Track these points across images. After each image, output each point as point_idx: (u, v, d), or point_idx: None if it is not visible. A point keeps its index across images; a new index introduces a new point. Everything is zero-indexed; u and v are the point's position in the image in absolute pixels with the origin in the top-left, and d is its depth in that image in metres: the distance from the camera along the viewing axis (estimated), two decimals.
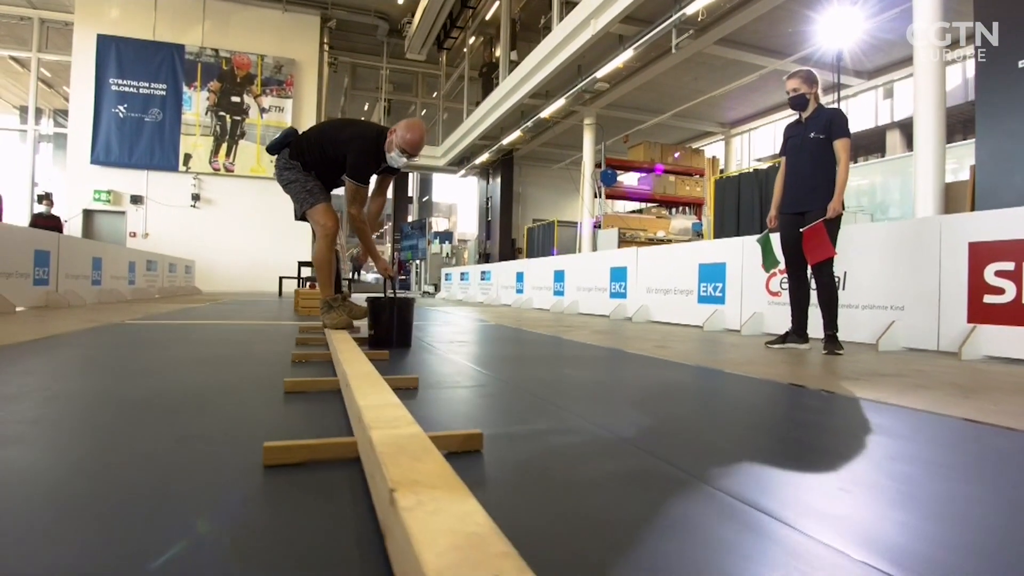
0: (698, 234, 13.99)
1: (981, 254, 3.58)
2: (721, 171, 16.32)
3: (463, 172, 20.47)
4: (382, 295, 3.24)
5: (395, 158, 3.31)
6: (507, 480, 1.10)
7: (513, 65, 14.68)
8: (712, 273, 5.78)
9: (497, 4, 15.74)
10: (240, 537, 0.81)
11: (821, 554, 0.79)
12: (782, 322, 4.86)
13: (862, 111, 15.53)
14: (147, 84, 15.90)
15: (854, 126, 13.39)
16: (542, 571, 0.54)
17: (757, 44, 10.89)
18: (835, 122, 3.65)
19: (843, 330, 4.20)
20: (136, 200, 15.71)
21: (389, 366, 2.52)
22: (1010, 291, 3.42)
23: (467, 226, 39.21)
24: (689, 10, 8.46)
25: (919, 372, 2.79)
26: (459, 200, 40.61)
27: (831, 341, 3.57)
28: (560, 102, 12.68)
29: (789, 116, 15.11)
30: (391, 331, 3.16)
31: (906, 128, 15.10)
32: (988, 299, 3.53)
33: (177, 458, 1.17)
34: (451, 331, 4.81)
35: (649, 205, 15.93)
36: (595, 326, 5.95)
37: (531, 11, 15.59)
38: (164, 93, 16.03)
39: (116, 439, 1.32)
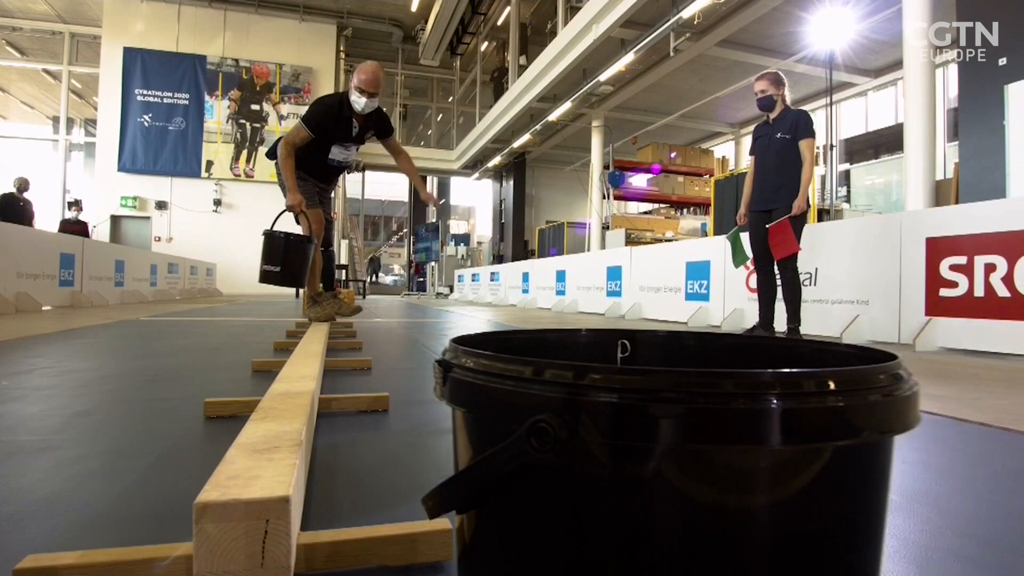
0: (706, 235, 14.10)
1: (937, 249, 3.73)
2: (731, 172, 16.38)
3: (477, 175, 20.79)
4: (282, 233, 3.25)
5: (356, 100, 3.33)
6: (402, 430, 1.35)
7: (522, 70, 14.93)
8: (698, 271, 5.96)
9: (508, 10, 16.03)
10: (170, 451, 1.08)
11: None
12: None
13: (883, 107, 15.41)
14: (171, 94, 16.51)
15: (875, 123, 13.30)
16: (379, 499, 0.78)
17: (758, 45, 10.99)
18: (800, 123, 3.75)
19: (816, 324, 4.38)
20: (161, 206, 16.32)
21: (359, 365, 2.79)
22: (963, 284, 3.57)
23: (486, 228, 39.59)
24: (685, 13, 8.62)
25: None
26: (477, 203, 41.01)
27: (793, 335, 3.74)
28: (567, 105, 12.91)
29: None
30: (283, 267, 3.21)
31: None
32: (944, 292, 3.68)
33: (145, 409, 1.46)
34: (449, 330, 5.08)
35: (659, 206, 16.05)
36: (591, 324, 6.17)
37: (541, 15, 15.84)
38: (187, 102, 16.63)
39: (102, 399, 1.61)
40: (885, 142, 18.05)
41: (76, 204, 9.94)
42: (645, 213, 17.19)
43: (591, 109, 13.41)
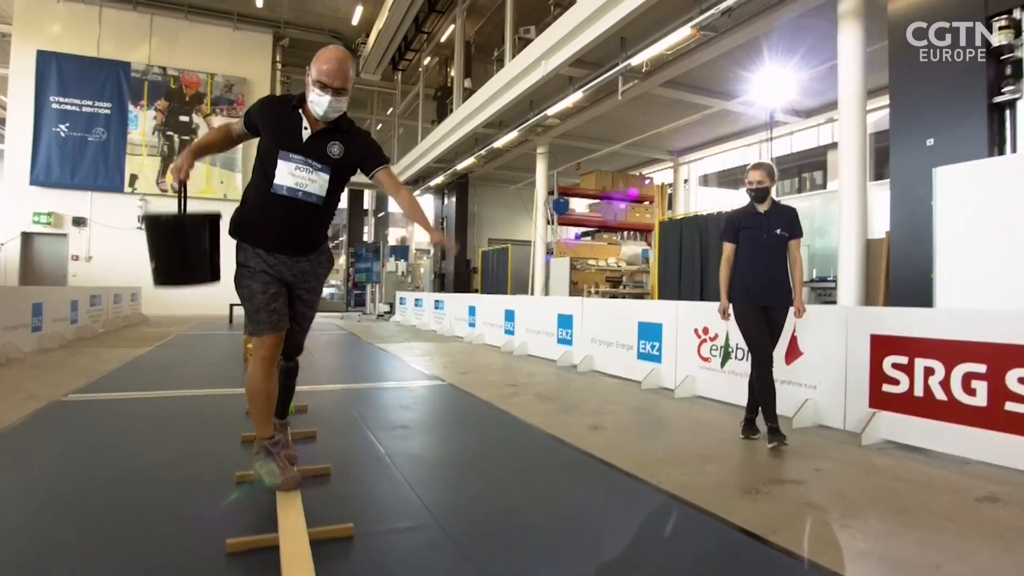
0: (647, 261, 14.43)
1: (881, 346, 3.94)
2: (670, 193, 16.88)
3: (419, 191, 20.51)
4: (165, 214, 2.52)
5: (316, 101, 2.36)
6: None
7: (467, 93, 14.85)
8: (650, 332, 6.07)
9: (452, 28, 15.89)
10: None
11: None
12: (712, 385, 5.20)
13: (807, 139, 16.23)
14: (91, 102, 15.46)
15: (799, 148, 14.07)
16: None
17: (701, 87, 11.36)
18: (795, 221, 3.76)
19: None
20: (79, 222, 15.25)
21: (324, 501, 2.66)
22: (904, 383, 3.78)
23: (424, 236, 39.10)
24: (634, 61, 8.80)
25: (820, 474, 3.09)
26: None
27: (776, 432, 3.58)
28: (513, 134, 12.92)
29: (731, 148, 15.57)
30: (172, 261, 2.48)
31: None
32: (886, 388, 3.88)
33: None
34: (395, 400, 4.96)
35: (600, 231, 16.32)
36: (542, 379, 6.18)
37: (486, 35, 15.80)
38: (109, 112, 15.62)
39: None
40: (807, 163, 19.28)
41: None
42: (585, 235, 17.46)
43: (536, 136, 13.48)
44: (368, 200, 29.47)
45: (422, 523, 2.35)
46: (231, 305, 13.22)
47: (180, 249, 2.46)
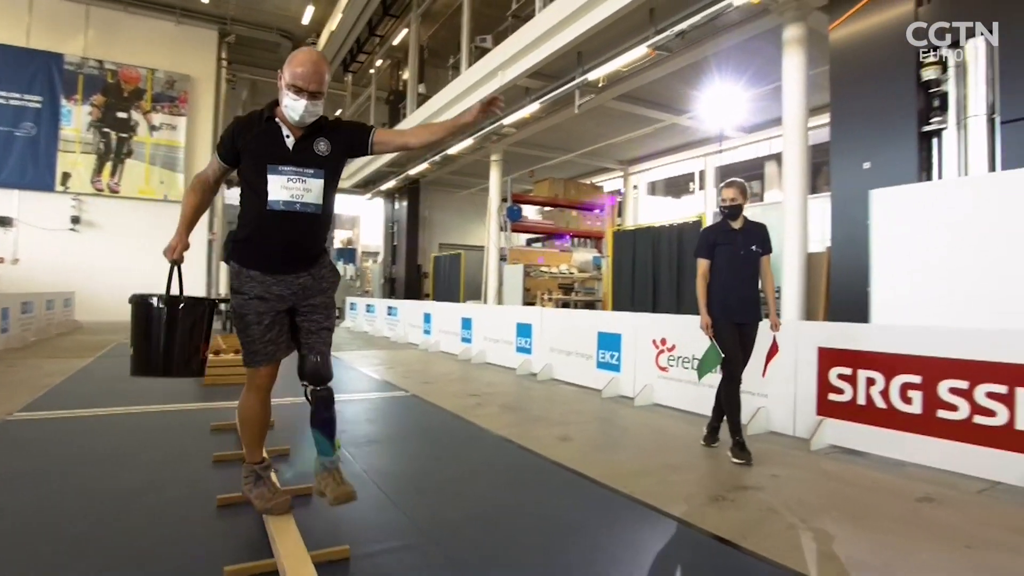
0: (598, 268, 14.76)
1: (828, 358, 4.24)
2: (620, 199, 17.33)
3: (370, 195, 20.27)
4: (154, 297, 2.29)
5: (291, 106, 2.20)
6: None
7: (421, 98, 14.83)
8: (610, 342, 6.27)
9: (406, 32, 15.82)
10: None
11: None
12: (670, 394, 5.43)
13: (748, 152, 16.99)
14: (18, 95, 14.58)
15: (738, 159, 14.74)
16: None
17: (654, 101, 11.75)
18: (767, 237, 3.90)
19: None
20: (4, 222, 14.33)
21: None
22: (848, 392, 4.09)
23: (370, 238, 38.49)
24: (591, 76, 9.04)
25: (776, 479, 3.32)
26: (362, 212, 39.76)
27: (740, 447, 3.71)
28: (469, 141, 12.99)
29: (679, 159, 16.04)
30: (156, 353, 2.27)
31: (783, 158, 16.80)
32: (832, 396, 4.19)
33: None
34: (361, 413, 4.96)
35: (552, 238, 16.58)
36: (504, 388, 6.28)
37: (440, 40, 15.80)
38: (39, 106, 14.77)
39: None
40: (742, 171, 20.17)
41: None
42: (534, 241, 17.70)
43: (491, 144, 13.59)
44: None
45: (414, 542, 2.41)
46: None
47: (168, 341, 2.25)
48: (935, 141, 5.60)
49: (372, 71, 18.72)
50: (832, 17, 6.36)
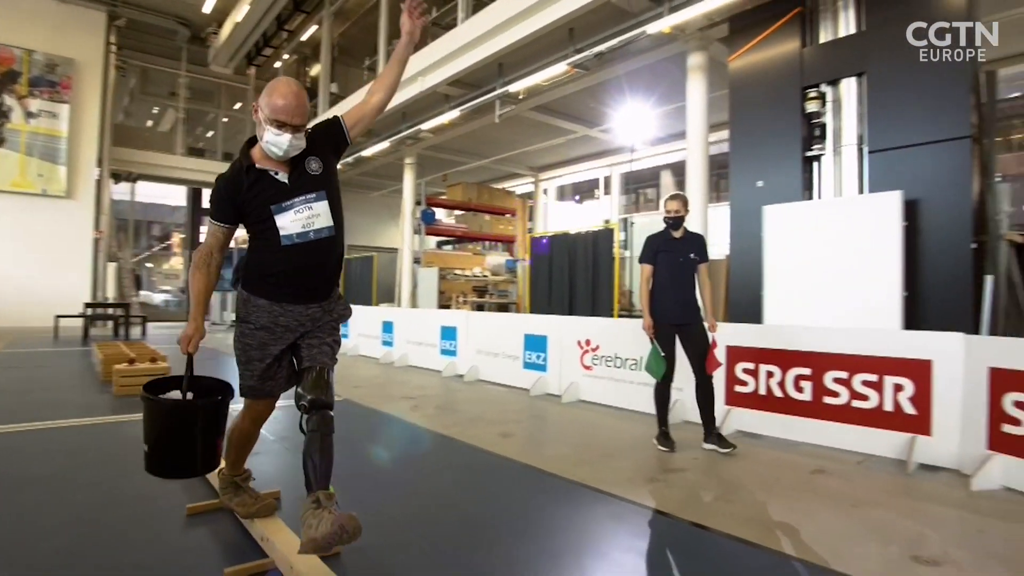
0: (511, 271, 15.18)
1: (735, 355, 4.82)
2: (530, 204, 17.91)
3: None
4: (163, 397, 2.18)
5: (272, 142, 2.09)
6: None
7: (334, 98, 14.61)
8: (536, 343, 6.65)
9: (315, 28, 15.48)
10: None
11: None
12: (596, 391, 5.86)
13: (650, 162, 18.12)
14: None
15: (639, 167, 15.56)
16: None
17: (569, 113, 12.32)
18: (704, 247, 4.26)
19: (648, 404, 5.26)
20: None
21: None
22: (751, 384, 4.69)
23: None
24: (512, 88, 9.42)
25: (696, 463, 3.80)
26: None
27: (720, 438, 4.12)
28: (384, 144, 12.98)
29: (589, 167, 16.78)
30: (170, 454, 2.15)
31: (677, 168, 18.18)
32: (738, 388, 4.78)
33: None
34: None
35: (465, 242, 16.82)
36: (434, 391, 6.47)
37: (351, 38, 15.59)
38: None
39: None
40: (643, 184, 21.76)
41: None
42: (444, 244, 17.87)
43: (406, 147, 13.65)
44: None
45: (394, 535, 2.61)
46: (57, 316, 11.73)
47: (186, 440, 2.11)
48: (815, 165, 6.45)
49: (278, 65, 18.11)
50: (731, 49, 7.11)
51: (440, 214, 17.26)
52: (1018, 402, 3.36)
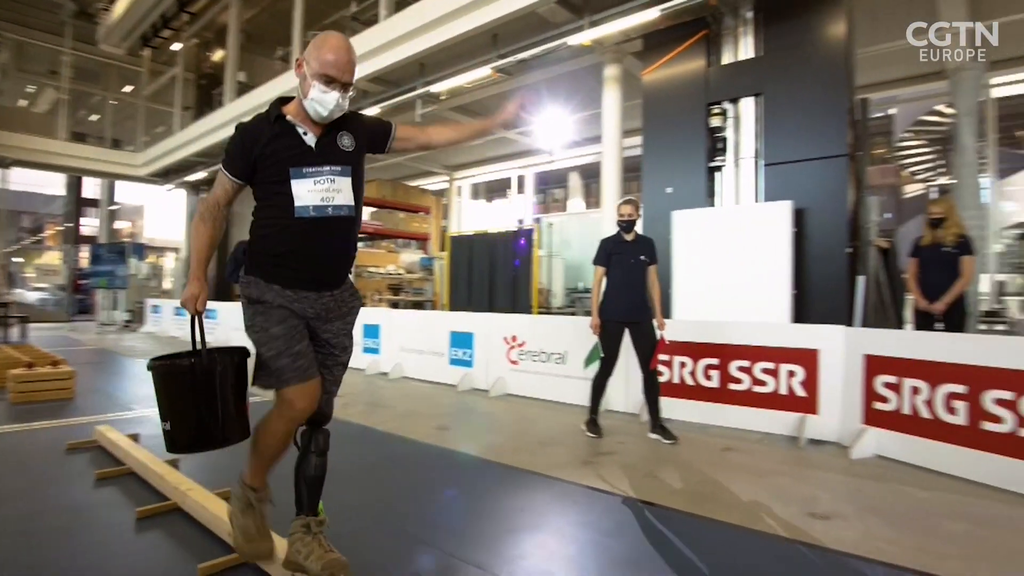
0: (427, 268, 15.21)
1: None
2: (444, 204, 18.01)
3: (171, 186, 18.33)
4: (177, 354, 1.95)
5: (318, 98, 1.91)
6: None
7: (242, 87, 14.00)
8: (462, 340, 6.83)
9: (218, 12, 14.71)
10: None
11: None
12: (522, 385, 6.13)
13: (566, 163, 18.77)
14: None
15: (550, 168, 15.99)
16: None
17: (487, 115, 12.51)
18: (654, 249, 4.46)
19: (569, 395, 5.60)
20: None
21: None
22: (667, 374, 5.14)
23: (157, 231, 34.36)
24: (434, 88, 9.52)
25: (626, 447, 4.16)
26: (147, 200, 35.20)
27: (664, 430, 4.38)
28: None
29: (503, 167, 17.07)
30: (193, 424, 1.92)
31: (584, 171, 18.93)
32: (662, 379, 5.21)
33: None
34: None
35: (379, 239, 16.65)
36: (360, 388, 6.50)
37: (259, 24, 14.97)
38: None
39: None
40: (552, 185, 22.59)
41: None
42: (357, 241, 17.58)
43: None
44: (96, 189, 25.04)
45: (363, 525, 2.73)
46: None
47: (208, 407, 1.89)
48: (718, 175, 7.08)
49: (180, 49, 17.00)
50: (645, 63, 7.64)
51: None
52: (888, 383, 3.98)
